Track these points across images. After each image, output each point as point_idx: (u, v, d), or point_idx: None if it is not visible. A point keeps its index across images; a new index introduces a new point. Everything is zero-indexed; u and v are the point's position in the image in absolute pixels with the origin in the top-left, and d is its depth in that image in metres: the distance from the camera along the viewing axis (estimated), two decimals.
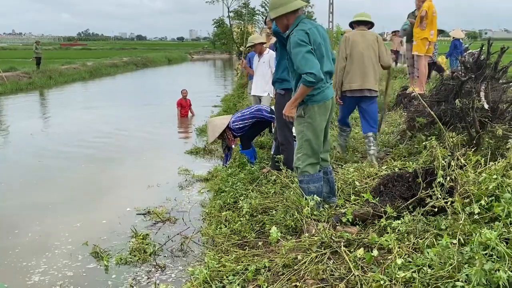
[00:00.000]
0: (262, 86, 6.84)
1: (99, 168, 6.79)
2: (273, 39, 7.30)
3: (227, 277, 2.79)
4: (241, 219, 3.81)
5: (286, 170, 4.23)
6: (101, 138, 8.72)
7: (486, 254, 2.08)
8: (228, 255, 3.15)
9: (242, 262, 2.97)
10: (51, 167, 6.79)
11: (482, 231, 2.24)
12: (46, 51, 26.32)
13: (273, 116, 5.62)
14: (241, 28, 39.75)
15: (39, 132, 9.70)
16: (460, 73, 4.95)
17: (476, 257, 2.01)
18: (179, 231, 4.22)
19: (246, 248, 3.29)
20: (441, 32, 10.25)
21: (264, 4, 40.78)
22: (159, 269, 3.58)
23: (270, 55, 6.65)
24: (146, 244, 3.93)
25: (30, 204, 5.25)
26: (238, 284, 2.66)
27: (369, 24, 5.22)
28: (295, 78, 3.52)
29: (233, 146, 6.43)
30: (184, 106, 11.18)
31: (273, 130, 5.69)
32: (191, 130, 9.62)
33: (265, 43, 7.01)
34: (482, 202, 2.74)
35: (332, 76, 3.66)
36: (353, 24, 5.29)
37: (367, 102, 5.08)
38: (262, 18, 25.94)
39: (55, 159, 7.25)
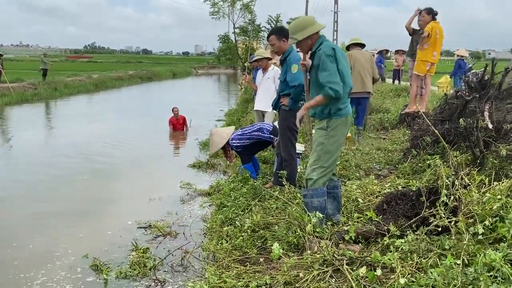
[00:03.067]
0: (266, 101, 6.85)
1: (101, 180, 6.79)
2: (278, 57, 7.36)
3: None
4: (243, 234, 3.78)
5: (289, 186, 4.22)
6: (104, 150, 8.74)
7: (491, 275, 2.05)
8: (229, 271, 3.11)
9: (243, 278, 2.94)
10: (53, 178, 6.79)
11: (487, 252, 2.21)
12: (53, 64, 26.44)
13: (272, 136, 5.62)
14: (246, 44, 40.09)
15: (42, 143, 9.74)
16: (465, 92, 4.96)
17: (481, 278, 1.97)
18: (180, 246, 4.18)
19: (247, 264, 3.26)
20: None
21: (270, 21, 41.17)
22: (159, 284, 3.53)
23: (275, 71, 6.68)
24: (147, 258, 3.88)
25: (31, 215, 5.23)
26: None
27: (363, 46, 7.66)
28: (316, 91, 3.64)
29: (228, 162, 6.46)
30: (175, 124, 11.08)
31: (275, 145, 5.69)
32: (194, 144, 9.63)
33: (271, 58, 7.05)
34: (487, 222, 2.71)
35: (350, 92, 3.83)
36: (350, 46, 7.62)
37: (364, 100, 7.40)
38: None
39: (57, 170, 7.25)
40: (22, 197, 5.94)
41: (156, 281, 3.57)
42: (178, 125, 11.08)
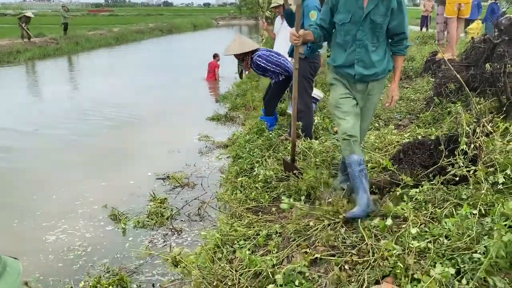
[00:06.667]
0: (284, 49, 6.63)
1: (121, 133, 6.86)
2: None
3: (238, 241, 2.77)
4: (257, 185, 3.78)
5: (305, 138, 4.14)
6: (124, 103, 8.77)
7: (506, 225, 1.95)
8: (241, 220, 3.13)
9: (254, 227, 2.95)
10: (74, 131, 6.89)
11: (505, 201, 2.11)
12: (73, 18, 26.22)
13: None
14: None
15: (64, 96, 9.84)
16: (494, 36, 4.66)
17: (495, 228, 1.89)
18: (196, 196, 4.23)
19: (259, 214, 3.27)
20: None
21: None
22: (176, 233, 3.61)
23: None
24: (164, 208, 3.96)
25: (52, 166, 5.38)
26: (249, 249, 2.65)
27: None
28: (376, 39, 2.97)
29: (246, 72, 6.21)
30: (210, 71, 11.26)
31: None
32: (214, 96, 9.57)
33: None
34: (508, 171, 2.59)
35: None
36: None
37: None
38: None
39: (78, 123, 7.36)
40: (44, 149, 6.08)
41: (172, 230, 3.64)
42: (211, 73, 11.22)
